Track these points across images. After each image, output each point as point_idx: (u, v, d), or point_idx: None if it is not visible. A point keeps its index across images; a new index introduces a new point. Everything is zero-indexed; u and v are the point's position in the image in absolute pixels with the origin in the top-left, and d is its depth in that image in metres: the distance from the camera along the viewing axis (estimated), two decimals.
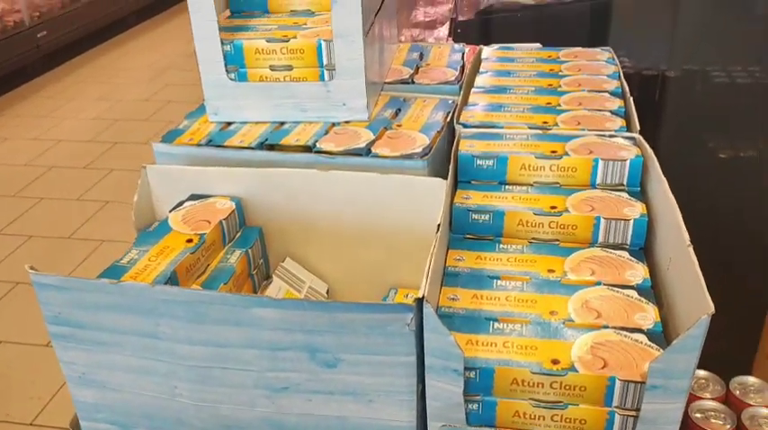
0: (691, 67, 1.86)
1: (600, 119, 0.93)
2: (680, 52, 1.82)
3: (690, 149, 1.81)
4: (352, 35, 0.91)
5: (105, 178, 3.51)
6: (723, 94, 1.85)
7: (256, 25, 1.01)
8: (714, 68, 1.84)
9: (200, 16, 0.92)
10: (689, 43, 1.80)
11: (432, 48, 1.27)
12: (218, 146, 0.92)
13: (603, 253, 0.74)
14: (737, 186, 1.80)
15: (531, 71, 1.11)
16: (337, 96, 0.96)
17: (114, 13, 5.68)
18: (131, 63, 5.23)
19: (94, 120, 4.23)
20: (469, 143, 0.87)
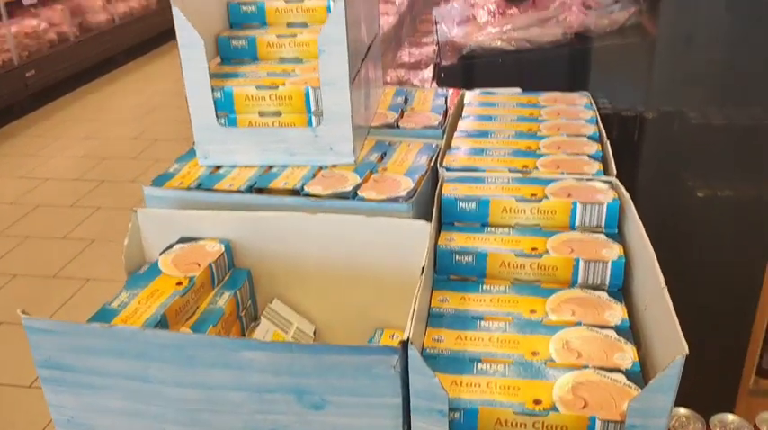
0: (667, 108, 1.91)
1: (578, 162, 0.96)
2: (657, 94, 1.87)
3: (668, 188, 1.85)
4: (339, 83, 0.95)
5: (91, 216, 3.51)
6: (699, 134, 1.90)
7: (246, 72, 1.04)
8: (690, 110, 1.90)
9: (192, 64, 0.95)
10: (665, 86, 1.86)
11: (416, 92, 1.31)
12: (208, 189, 0.94)
13: (583, 293, 0.77)
14: (715, 224, 1.84)
15: (511, 116, 1.15)
16: (324, 141, 0.99)
17: (104, 52, 5.75)
18: (120, 101, 5.27)
19: (81, 158, 4.24)
20: (453, 186, 0.90)
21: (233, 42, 1.10)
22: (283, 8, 1.15)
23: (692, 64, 1.76)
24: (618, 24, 1.61)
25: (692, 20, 1.64)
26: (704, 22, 1.67)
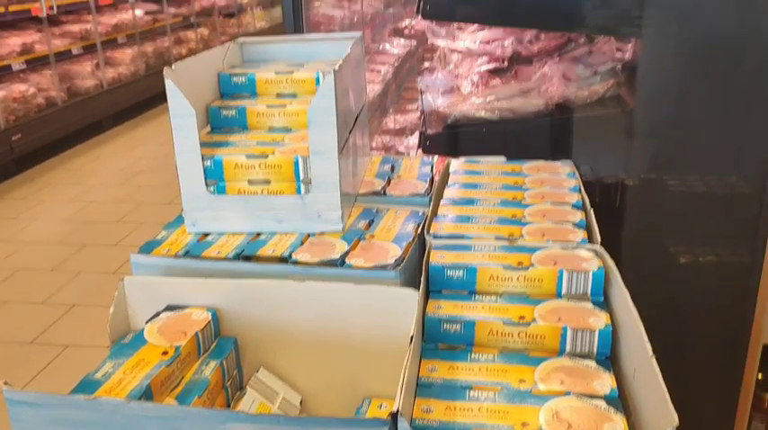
0: (648, 175, 1.96)
1: (563, 231, 0.97)
2: (636, 162, 1.92)
3: (651, 254, 1.88)
4: (328, 152, 0.96)
5: (72, 281, 3.46)
6: (679, 201, 1.94)
7: (236, 141, 1.06)
8: (670, 177, 1.94)
9: (183, 134, 0.97)
10: (645, 154, 1.90)
11: (402, 160, 1.33)
12: (196, 257, 0.94)
13: (572, 362, 0.77)
14: (698, 289, 1.86)
15: (496, 184, 1.17)
16: (313, 208, 1.00)
17: (91, 117, 5.80)
18: (105, 165, 5.29)
19: (64, 221, 4.22)
20: (440, 254, 0.91)
21: (223, 112, 1.12)
22: (273, 79, 1.18)
23: (670, 133, 1.81)
24: (597, 95, 1.66)
25: (668, 92, 1.70)
26: (681, 93, 1.73)
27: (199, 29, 7.79)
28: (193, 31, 7.65)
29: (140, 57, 6.51)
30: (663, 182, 1.96)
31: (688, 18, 1.65)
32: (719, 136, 1.80)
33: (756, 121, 1.77)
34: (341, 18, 3.51)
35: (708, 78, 1.72)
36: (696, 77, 1.70)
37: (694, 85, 1.72)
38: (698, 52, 1.67)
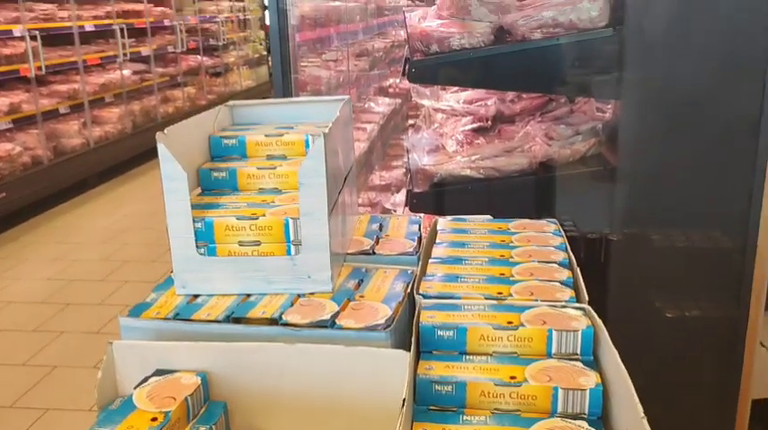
0: (632, 230, 1.99)
1: (551, 289, 0.99)
2: (620, 218, 1.95)
3: (637, 309, 1.89)
4: (318, 213, 0.98)
5: (54, 341, 3.40)
6: (663, 255, 1.97)
7: (226, 203, 1.07)
8: (653, 232, 1.97)
9: (174, 196, 0.98)
10: (628, 209, 1.94)
11: (390, 219, 1.35)
12: (185, 319, 0.94)
13: (564, 423, 0.77)
14: (686, 344, 1.87)
15: (484, 242, 1.19)
16: (303, 269, 1.00)
17: (77, 175, 5.80)
18: (90, 222, 5.26)
19: (48, 280, 4.17)
20: (430, 314, 0.91)
21: (214, 174, 1.14)
22: (263, 142, 1.21)
23: (652, 190, 1.85)
24: (580, 154, 1.71)
25: (649, 150, 1.75)
26: (661, 150, 1.78)
27: (186, 88, 7.89)
28: (180, 90, 7.76)
29: (127, 115, 6.57)
30: (646, 236, 1.99)
31: (666, 78, 1.71)
32: (700, 191, 1.84)
33: (735, 177, 1.82)
34: (327, 78, 3.58)
35: (687, 135, 1.78)
36: (675, 135, 1.75)
37: (673, 143, 1.77)
38: (676, 110, 1.73)
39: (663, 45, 1.67)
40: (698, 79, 1.71)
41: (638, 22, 1.63)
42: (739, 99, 1.74)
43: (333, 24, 3.62)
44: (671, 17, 1.69)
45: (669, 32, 1.67)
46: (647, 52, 1.65)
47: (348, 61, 3.76)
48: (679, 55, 1.72)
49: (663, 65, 1.67)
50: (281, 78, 1.85)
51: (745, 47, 1.69)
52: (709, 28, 1.71)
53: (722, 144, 1.79)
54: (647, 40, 1.64)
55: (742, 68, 1.71)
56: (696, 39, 1.71)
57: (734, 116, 1.76)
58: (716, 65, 1.73)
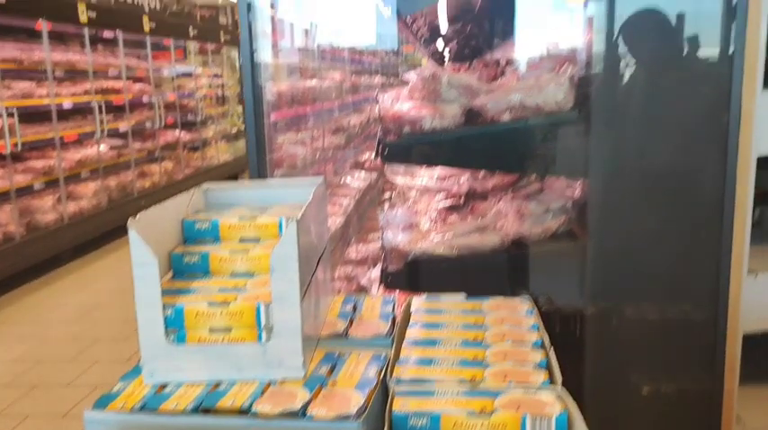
0: (605, 304, 2.00)
1: (525, 372, 0.98)
2: (593, 292, 1.96)
3: (613, 384, 1.88)
4: (290, 299, 0.97)
5: (18, 427, 3.26)
6: (638, 329, 1.98)
7: (198, 288, 1.06)
8: (627, 306, 1.99)
9: (144, 282, 0.97)
10: (601, 284, 1.96)
11: (364, 299, 1.35)
12: (153, 410, 0.91)
13: None
14: (662, 420, 1.85)
15: (457, 323, 1.19)
16: (274, 355, 0.99)
17: (49, 251, 5.72)
18: (61, 300, 5.16)
19: (15, 361, 4.04)
20: (403, 401, 0.90)
21: (186, 258, 1.14)
22: (236, 224, 1.21)
23: (623, 264, 1.87)
24: (551, 231, 1.73)
25: (618, 226, 1.78)
26: (630, 226, 1.81)
27: (163, 162, 7.93)
28: (158, 165, 7.78)
29: (103, 190, 6.56)
30: (620, 310, 2.01)
31: (631, 158, 1.76)
32: (670, 265, 1.87)
33: (703, 251, 1.85)
34: (303, 155, 3.63)
35: (654, 212, 1.82)
36: (643, 211, 1.80)
37: (642, 219, 1.81)
38: (643, 188, 1.78)
39: (627, 126, 1.73)
40: (663, 157, 1.77)
41: (602, 105, 1.70)
42: (703, 176, 1.80)
43: (309, 102, 3.70)
44: (634, 99, 1.76)
45: (633, 114, 1.74)
46: (612, 133, 1.71)
47: (323, 138, 3.83)
48: (643, 135, 1.78)
49: (628, 145, 1.73)
50: (257, 158, 1.87)
51: (707, 125, 1.76)
52: (671, 109, 1.79)
53: (689, 219, 1.83)
54: (612, 122, 1.71)
55: (705, 146, 1.78)
56: (660, 119, 1.78)
57: (699, 192, 1.81)
58: (680, 143, 1.80)
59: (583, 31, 1.93)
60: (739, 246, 1.69)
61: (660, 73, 1.85)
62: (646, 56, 1.80)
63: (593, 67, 1.81)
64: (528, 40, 2.17)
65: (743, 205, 1.66)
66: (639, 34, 1.78)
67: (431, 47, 4.13)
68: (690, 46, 1.84)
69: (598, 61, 1.81)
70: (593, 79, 1.75)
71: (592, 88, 1.69)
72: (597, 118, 1.69)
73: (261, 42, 1.89)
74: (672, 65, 1.85)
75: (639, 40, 1.79)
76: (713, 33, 1.74)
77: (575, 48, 1.96)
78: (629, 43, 1.76)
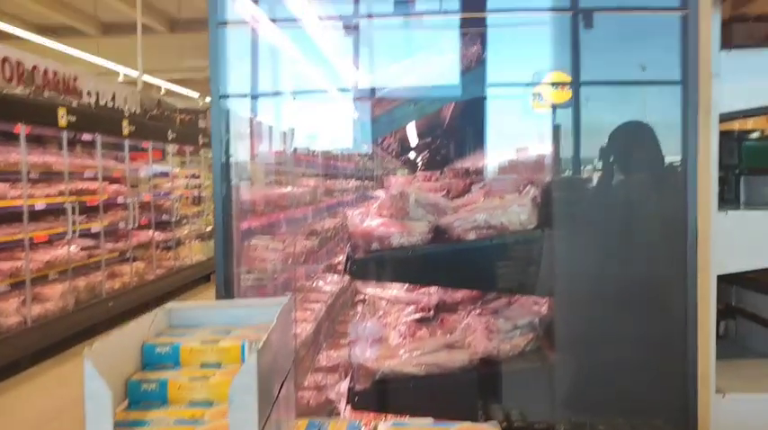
0: (578, 419, 1.97)
1: None
2: (564, 408, 1.94)
3: None
4: None
5: None
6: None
7: (153, 419, 1.03)
8: (599, 421, 1.96)
9: (96, 418, 0.94)
10: (571, 400, 1.94)
11: (329, 424, 1.31)
12: None
13: None
14: None
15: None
16: None
17: (11, 355, 5.53)
18: (23, 406, 4.93)
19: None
20: None
21: (143, 386, 1.11)
22: (198, 348, 1.19)
23: (593, 380, 1.87)
24: (519, 349, 1.73)
25: (585, 343, 1.79)
26: (597, 342, 1.82)
27: (135, 263, 7.85)
28: (129, 265, 7.70)
29: (71, 292, 6.43)
30: (593, 425, 1.97)
31: (595, 275, 1.79)
32: (639, 381, 1.87)
33: (671, 366, 1.86)
34: (274, 259, 3.63)
35: (621, 327, 1.83)
36: (608, 328, 1.81)
37: (608, 335, 1.82)
38: (607, 305, 1.80)
39: (589, 244, 1.77)
40: (627, 274, 1.81)
41: (564, 224, 1.74)
42: (668, 291, 1.83)
43: (283, 209, 3.74)
44: (594, 218, 1.81)
45: (594, 232, 1.79)
46: (575, 251, 1.75)
47: (295, 244, 3.84)
48: (608, 250, 1.82)
49: (591, 262, 1.76)
50: (224, 264, 1.86)
51: (669, 242, 1.81)
52: (635, 223, 1.84)
53: (656, 334, 1.85)
54: (574, 240, 1.75)
55: (669, 261, 1.81)
56: (624, 233, 1.83)
57: (665, 307, 1.84)
58: (644, 259, 1.84)
59: (549, 139, 2.00)
60: (705, 366, 1.70)
61: (626, 186, 1.92)
62: (612, 166, 1.87)
63: (560, 173, 1.88)
64: (497, 147, 2.25)
65: (705, 324, 1.68)
66: (611, 146, 1.86)
67: (403, 157, 4.26)
68: (652, 161, 1.92)
69: (565, 167, 1.88)
70: (556, 199, 1.80)
71: (554, 208, 1.75)
72: (559, 237, 1.73)
73: (237, 145, 1.94)
74: (637, 178, 1.92)
75: (609, 151, 1.87)
76: (675, 150, 1.82)
77: (543, 155, 2.02)
78: (602, 155, 1.84)
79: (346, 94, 2.71)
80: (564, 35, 1.89)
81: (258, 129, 3.06)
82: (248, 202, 2.82)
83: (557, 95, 1.92)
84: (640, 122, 1.84)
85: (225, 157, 1.91)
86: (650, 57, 1.82)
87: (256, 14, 2.02)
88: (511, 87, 2.19)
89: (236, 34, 1.93)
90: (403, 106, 2.23)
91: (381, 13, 2.16)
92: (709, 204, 1.71)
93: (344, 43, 2.25)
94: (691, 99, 1.77)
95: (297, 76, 2.87)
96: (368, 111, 2.68)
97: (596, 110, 1.89)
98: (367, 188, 5.21)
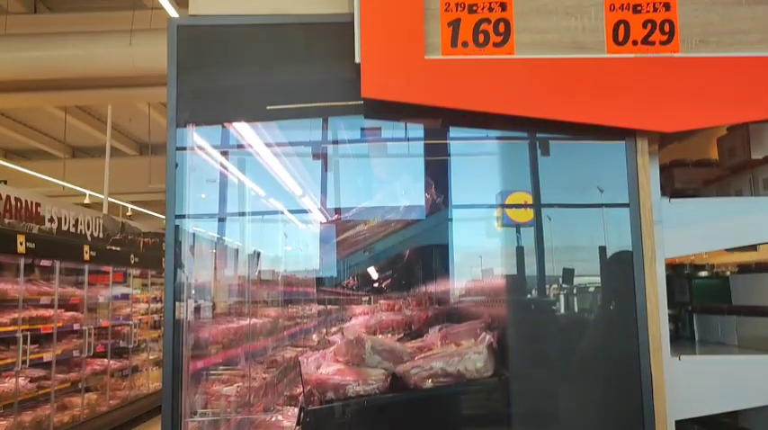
0: None
1: None
2: None
3: None
4: None
5: None
6: None
7: None
8: None
9: None
10: None
11: None
12: None
13: None
14: None
15: None
16: None
17: None
18: None
19: None
20: None
21: None
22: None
23: None
24: None
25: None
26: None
27: (87, 394, 7.48)
28: (81, 397, 7.33)
29: (16, 427, 6.06)
30: None
31: (550, 418, 1.77)
32: None
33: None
34: (233, 394, 3.52)
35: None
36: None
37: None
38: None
39: (544, 390, 1.76)
40: (582, 425, 1.79)
41: (521, 371, 1.74)
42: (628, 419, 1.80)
43: (242, 342, 3.66)
44: (549, 343, 1.81)
45: (551, 378, 1.78)
46: (531, 398, 1.73)
47: (251, 380, 3.74)
48: (562, 392, 1.81)
49: (547, 411, 1.74)
50: (171, 403, 1.78)
51: (623, 380, 1.81)
52: (590, 362, 1.84)
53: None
54: (530, 387, 1.74)
55: (625, 409, 1.80)
56: (580, 377, 1.83)
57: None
58: (598, 407, 1.82)
59: (514, 258, 2.02)
60: None
61: (586, 324, 1.93)
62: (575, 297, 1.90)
63: (525, 294, 1.89)
64: (462, 269, 2.25)
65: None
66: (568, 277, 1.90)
67: (366, 289, 4.25)
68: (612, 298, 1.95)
69: (530, 286, 1.90)
70: (513, 341, 1.81)
71: (510, 356, 1.75)
72: (516, 384, 1.72)
73: (194, 267, 1.93)
74: (597, 316, 1.94)
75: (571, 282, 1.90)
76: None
77: (508, 274, 2.03)
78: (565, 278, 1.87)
79: (313, 217, 2.75)
80: (524, 160, 1.97)
81: (222, 251, 3.04)
82: (204, 337, 2.77)
83: (519, 215, 1.97)
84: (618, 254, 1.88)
85: (175, 279, 1.90)
86: (605, 181, 1.90)
87: (214, 143, 2.05)
88: (475, 209, 2.24)
89: (196, 158, 1.97)
90: (367, 229, 2.26)
91: (347, 139, 2.24)
92: (660, 351, 1.73)
93: (311, 168, 2.30)
94: (635, 247, 1.83)
95: (259, 198, 2.90)
96: (333, 234, 2.71)
97: (558, 229, 1.93)
98: (330, 312, 5.14)
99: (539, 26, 1.86)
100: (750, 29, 1.86)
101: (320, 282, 4.73)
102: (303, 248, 3.60)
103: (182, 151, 1.93)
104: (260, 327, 4.01)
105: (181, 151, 1.93)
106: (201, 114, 1.94)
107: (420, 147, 2.21)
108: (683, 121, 1.83)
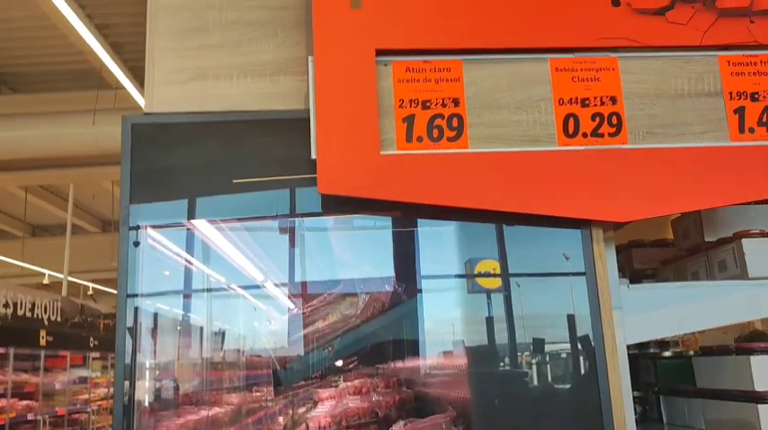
0: None
1: None
2: None
3: None
4: None
5: None
6: None
7: None
8: None
9: None
10: None
11: None
12: None
13: None
14: None
15: None
16: None
17: None
18: None
19: None
20: None
21: None
22: None
23: None
24: None
25: None
26: None
27: None
28: None
29: None
30: None
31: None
32: None
33: None
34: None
35: None
36: None
37: None
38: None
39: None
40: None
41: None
42: None
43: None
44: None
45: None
46: None
47: None
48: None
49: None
50: None
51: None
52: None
53: None
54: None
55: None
56: None
57: None
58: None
59: (485, 325, 1.99)
60: None
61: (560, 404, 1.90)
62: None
63: (497, 365, 1.86)
64: (433, 340, 2.19)
65: None
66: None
67: (328, 376, 4.14)
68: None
69: (502, 355, 1.87)
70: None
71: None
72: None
73: (149, 346, 1.87)
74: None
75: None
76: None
77: (480, 345, 1.99)
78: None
79: (280, 292, 2.69)
80: (490, 231, 1.96)
81: (186, 329, 2.95)
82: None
83: (489, 282, 1.96)
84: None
85: (126, 361, 1.85)
86: (571, 250, 1.90)
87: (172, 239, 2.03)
88: (444, 279, 2.21)
89: (155, 234, 1.95)
90: (336, 302, 2.22)
91: (313, 212, 2.21)
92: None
93: (278, 243, 2.27)
94: (596, 336, 1.83)
95: (225, 273, 2.84)
96: (300, 311, 2.65)
97: (527, 297, 1.92)
98: (297, 394, 5.00)
99: (491, 120, 1.90)
100: (693, 120, 1.93)
101: (278, 381, 4.61)
102: (267, 335, 3.53)
103: (134, 230, 1.93)
104: (222, 416, 3.87)
105: (134, 230, 1.93)
106: (154, 213, 1.94)
107: (387, 234, 2.21)
108: (635, 211, 1.86)
